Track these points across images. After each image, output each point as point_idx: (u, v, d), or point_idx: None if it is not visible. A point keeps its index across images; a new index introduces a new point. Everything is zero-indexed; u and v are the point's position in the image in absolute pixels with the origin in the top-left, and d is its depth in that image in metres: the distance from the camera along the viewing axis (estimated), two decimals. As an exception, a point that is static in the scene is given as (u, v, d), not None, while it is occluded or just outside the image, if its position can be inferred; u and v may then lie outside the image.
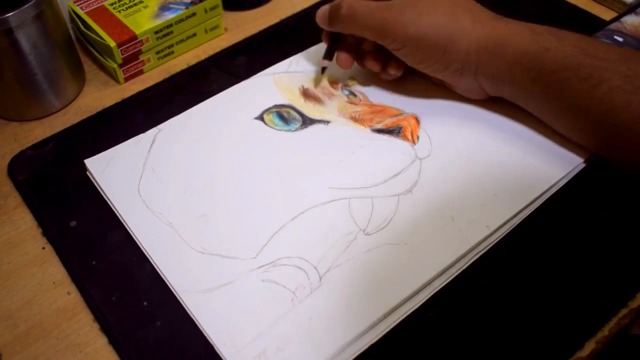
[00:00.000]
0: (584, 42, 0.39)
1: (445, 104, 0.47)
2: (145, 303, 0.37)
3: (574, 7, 0.56)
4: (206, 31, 0.55)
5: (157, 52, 0.53)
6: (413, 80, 0.48)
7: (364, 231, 0.39)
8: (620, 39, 0.51)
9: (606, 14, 0.56)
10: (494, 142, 0.44)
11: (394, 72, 0.46)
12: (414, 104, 0.47)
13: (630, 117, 0.37)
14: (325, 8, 0.45)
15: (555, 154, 0.43)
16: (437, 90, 0.47)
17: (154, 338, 0.36)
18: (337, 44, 0.47)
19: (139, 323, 0.36)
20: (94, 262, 0.39)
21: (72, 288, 0.39)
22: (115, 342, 0.36)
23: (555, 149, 0.43)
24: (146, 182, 0.43)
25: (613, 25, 0.52)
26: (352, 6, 0.42)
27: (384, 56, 0.46)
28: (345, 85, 0.49)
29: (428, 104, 0.47)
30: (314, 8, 0.58)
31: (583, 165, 0.43)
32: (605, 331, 0.35)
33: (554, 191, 0.42)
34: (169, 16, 0.52)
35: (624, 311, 0.36)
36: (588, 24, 0.54)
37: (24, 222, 0.43)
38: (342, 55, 0.46)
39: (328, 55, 0.47)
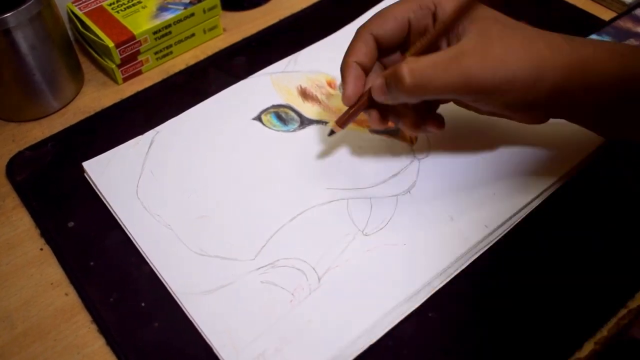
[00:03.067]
0: None
1: (443, 104, 0.47)
2: (143, 304, 0.37)
3: (573, 7, 0.56)
4: (205, 31, 0.55)
5: (156, 53, 0.53)
6: None
7: (362, 232, 0.39)
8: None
9: (605, 14, 0.55)
10: (493, 143, 0.44)
11: (433, 129, 0.39)
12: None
13: None
14: (380, 81, 0.35)
15: (553, 154, 0.43)
16: None
17: (152, 339, 0.36)
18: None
19: (137, 324, 0.36)
20: (92, 263, 0.39)
21: (70, 289, 0.39)
22: (113, 343, 0.36)
23: (553, 149, 0.43)
24: (144, 185, 0.43)
25: (620, 24, 0.52)
26: (417, 71, 0.33)
27: (425, 113, 0.39)
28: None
29: None
30: (313, 8, 0.58)
31: (581, 165, 0.43)
32: (604, 332, 0.35)
33: (552, 191, 0.42)
34: (168, 16, 0.52)
35: (623, 312, 0.36)
36: (587, 24, 0.54)
37: (22, 222, 0.43)
38: (374, 115, 0.39)
39: (346, 122, 0.40)
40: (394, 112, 0.39)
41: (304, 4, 0.59)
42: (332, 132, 0.41)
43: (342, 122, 0.40)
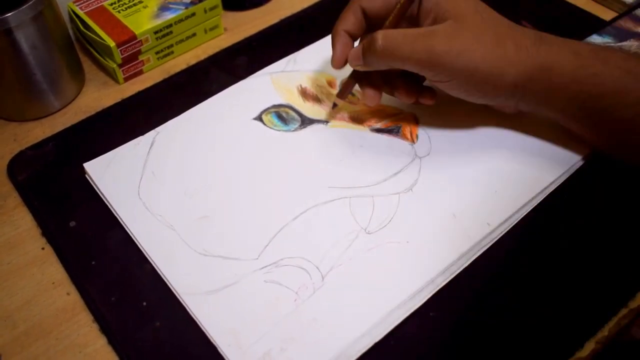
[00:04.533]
0: (631, 63, 0.37)
1: (443, 102, 0.47)
2: (144, 303, 0.37)
3: (574, 7, 0.56)
4: (206, 31, 0.55)
5: (157, 52, 0.53)
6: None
7: (365, 230, 0.39)
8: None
9: (606, 14, 0.56)
10: (494, 140, 0.44)
11: (427, 102, 0.43)
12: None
13: None
14: (356, 48, 0.40)
15: (554, 151, 0.43)
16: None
17: (154, 338, 0.36)
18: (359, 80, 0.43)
19: (138, 323, 0.36)
20: (93, 262, 0.39)
21: (72, 288, 0.39)
22: (114, 342, 0.36)
23: (554, 147, 0.43)
24: (146, 185, 0.43)
25: (622, 24, 0.52)
26: (389, 36, 0.37)
27: (416, 85, 0.43)
28: None
29: None
30: (314, 8, 0.58)
31: (581, 163, 0.43)
32: (605, 331, 0.35)
33: (553, 188, 0.42)
34: (169, 16, 0.52)
35: (623, 311, 0.36)
36: (588, 24, 0.54)
37: (24, 222, 0.43)
38: (369, 92, 0.43)
39: (343, 94, 0.44)
40: (388, 85, 0.43)
41: (304, 3, 0.59)
42: (334, 105, 0.45)
43: (341, 93, 0.44)
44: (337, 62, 0.42)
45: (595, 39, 0.42)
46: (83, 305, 0.38)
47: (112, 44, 0.49)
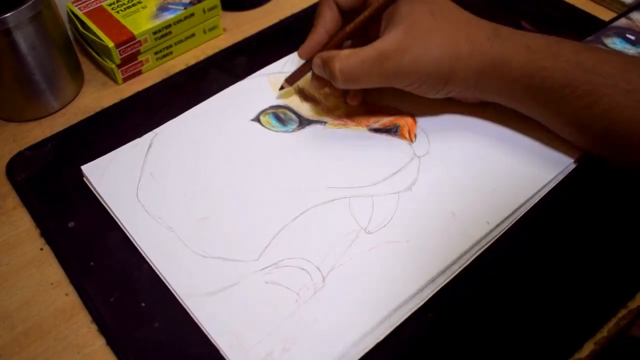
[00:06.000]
0: (582, 55, 0.38)
1: (441, 102, 0.47)
2: (143, 304, 0.37)
3: (573, 7, 0.56)
4: (205, 31, 0.55)
5: (156, 53, 0.53)
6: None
7: (365, 230, 0.39)
8: (632, 37, 0.51)
9: (605, 14, 0.56)
10: (492, 139, 0.44)
11: (353, 103, 0.46)
12: (410, 102, 0.47)
13: (633, 130, 0.37)
14: (318, 61, 0.43)
15: (554, 148, 0.43)
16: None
17: (153, 339, 0.36)
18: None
19: (137, 324, 0.36)
20: (92, 263, 0.39)
21: (70, 289, 0.39)
22: (113, 343, 0.36)
23: (553, 144, 0.43)
24: (144, 187, 0.42)
25: (623, 23, 0.52)
26: (344, 69, 0.40)
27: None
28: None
29: (424, 103, 0.47)
30: (313, 8, 0.58)
31: (581, 161, 0.43)
32: (604, 332, 0.35)
33: (552, 185, 0.42)
34: (168, 17, 0.52)
35: (623, 312, 0.36)
36: (587, 24, 0.54)
37: (23, 222, 0.43)
38: (315, 83, 0.45)
39: (294, 80, 0.47)
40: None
41: (304, 4, 0.59)
42: (281, 88, 0.48)
43: (291, 78, 0.47)
44: (303, 53, 0.44)
45: (522, 31, 0.43)
46: (82, 305, 0.38)
47: (110, 44, 0.49)
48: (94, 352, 0.36)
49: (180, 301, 0.37)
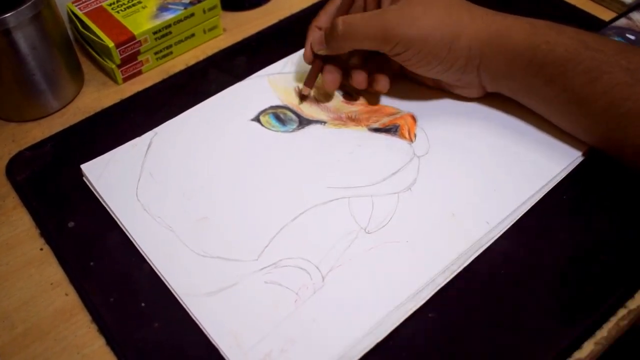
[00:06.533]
0: (584, 35, 0.39)
1: (441, 101, 0.47)
2: (143, 304, 0.37)
3: (573, 7, 0.56)
4: (205, 32, 0.55)
5: (156, 53, 0.53)
6: (407, 80, 0.48)
7: (365, 230, 0.39)
8: (632, 37, 0.51)
9: (605, 14, 0.55)
10: (492, 139, 0.44)
11: (379, 88, 0.45)
12: (409, 102, 0.47)
13: (633, 109, 0.37)
14: (319, 33, 0.45)
15: (553, 148, 0.43)
16: (432, 91, 0.48)
17: (153, 339, 0.36)
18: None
19: (137, 324, 0.36)
20: (92, 263, 0.39)
21: (70, 289, 0.39)
22: (113, 343, 0.36)
23: (552, 143, 0.43)
24: (144, 187, 0.42)
25: (623, 23, 0.52)
26: (347, 21, 0.41)
27: (370, 71, 0.46)
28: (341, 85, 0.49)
29: (424, 102, 0.47)
30: (313, 8, 0.58)
31: (581, 159, 0.43)
32: (604, 332, 0.35)
33: (552, 186, 0.42)
34: (168, 17, 0.52)
35: (622, 312, 0.36)
36: (587, 24, 0.54)
37: (22, 222, 0.43)
38: (328, 77, 0.46)
39: (311, 82, 0.46)
40: (345, 73, 0.46)
41: (304, 4, 0.59)
42: (302, 97, 0.47)
43: (308, 81, 0.46)
44: (306, 57, 0.46)
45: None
46: (81, 305, 0.38)
47: (111, 44, 0.49)
48: (93, 353, 0.36)
49: (180, 301, 0.37)
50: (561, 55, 0.39)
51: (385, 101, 0.47)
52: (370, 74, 0.46)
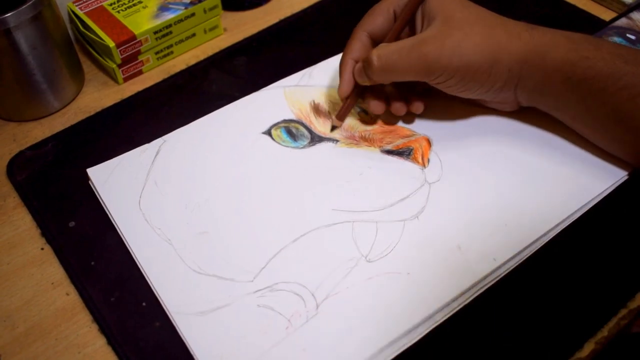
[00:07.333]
0: (622, 49, 0.38)
1: (459, 124, 0.45)
2: (144, 304, 0.37)
3: (573, 7, 0.56)
4: (205, 31, 0.55)
5: (157, 53, 0.53)
6: (430, 98, 0.45)
7: (365, 258, 0.38)
8: (632, 37, 0.51)
9: (605, 14, 0.56)
10: (508, 172, 0.42)
11: (415, 110, 0.44)
12: (426, 124, 0.45)
13: None
14: (359, 66, 0.42)
15: (571, 186, 0.41)
16: (451, 107, 0.46)
17: (154, 338, 0.36)
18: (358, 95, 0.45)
19: (138, 324, 0.36)
20: (93, 263, 0.39)
21: (71, 289, 0.39)
22: (114, 342, 0.36)
23: (568, 183, 0.41)
24: (147, 196, 0.42)
25: (624, 23, 0.52)
26: (383, 56, 0.39)
27: (406, 95, 0.44)
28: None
29: (442, 125, 0.45)
30: (314, 8, 0.58)
31: (606, 194, 0.41)
32: (604, 332, 0.35)
33: (565, 226, 0.40)
34: (168, 16, 0.52)
35: (623, 312, 0.36)
36: (587, 24, 0.54)
37: (23, 222, 0.43)
38: (374, 103, 0.44)
39: (344, 115, 0.44)
40: (386, 100, 0.44)
41: (304, 4, 0.59)
42: (333, 128, 0.45)
43: (340, 115, 0.44)
44: (344, 90, 0.44)
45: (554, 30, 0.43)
46: (82, 305, 0.38)
47: (111, 44, 0.49)
48: (94, 352, 0.36)
49: (171, 318, 0.36)
50: (601, 70, 0.38)
51: (401, 122, 0.46)
52: (401, 95, 0.44)
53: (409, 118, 0.46)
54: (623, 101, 0.38)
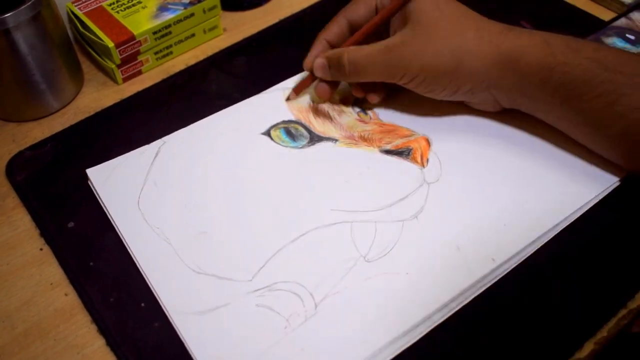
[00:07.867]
0: (602, 53, 0.38)
1: (458, 124, 0.45)
2: (143, 304, 0.37)
3: (573, 7, 0.56)
4: (205, 31, 0.55)
5: (156, 53, 0.53)
6: (425, 99, 0.44)
7: (364, 258, 0.38)
8: (632, 37, 0.51)
9: (605, 14, 0.55)
10: (507, 172, 0.42)
11: (372, 100, 0.46)
12: (426, 124, 0.45)
13: None
14: (321, 61, 0.44)
15: (573, 186, 0.41)
16: (450, 108, 0.46)
17: (153, 339, 0.36)
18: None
19: (137, 324, 0.36)
20: (91, 263, 0.39)
21: (70, 289, 0.39)
22: (113, 343, 0.36)
23: (572, 181, 0.41)
24: (146, 195, 0.42)
25: (623, 23, 0.52)
26: (354, 61, 0.42)
27: (365, 85, 0.46)
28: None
29: (441, 124, 0.45)
30: (313, 8, 0.58)
31: (603, 195, 0.41)
32: (604, 332, 0.35)
33: (564, 226, 0.40)
34: (168, 16, 0.52)
35: (623, 312, 0.36)
36: (586, 24, 0.54)
37: (22, 222, 0.43)
38: (321, 86, 0.45)
39: (299, 89, 0.47)
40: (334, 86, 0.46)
41: (304, 4, 0.59)
42: (288, 99, 0.48)
43: (297, 89, 0.47)
44: (306, 64, 0.46)
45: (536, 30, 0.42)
46: (81, 305, 0.38)
47: (110, 44, 0.49)
48: (93, 353, 0.36)
49: (169, 318, 0.36)
50: (578, 77, 0.37)
51: (401, 120, 0.46)
52: (364, 88, 0.46)
53: (409, 118, 0.46)
54: (600, 108, 0.37)
